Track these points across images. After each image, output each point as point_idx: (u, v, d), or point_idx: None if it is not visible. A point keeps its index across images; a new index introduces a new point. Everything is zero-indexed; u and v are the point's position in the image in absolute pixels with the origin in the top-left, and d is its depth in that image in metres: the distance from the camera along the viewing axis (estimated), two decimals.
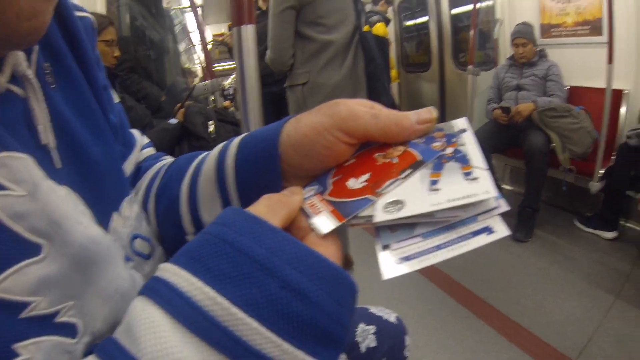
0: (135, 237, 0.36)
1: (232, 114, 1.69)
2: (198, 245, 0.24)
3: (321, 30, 1.68)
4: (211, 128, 1.45)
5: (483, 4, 2.98)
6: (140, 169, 0.46)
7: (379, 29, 3.02)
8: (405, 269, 0.25)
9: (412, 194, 0.27)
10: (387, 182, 0.29)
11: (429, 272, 2.04)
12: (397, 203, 0.27)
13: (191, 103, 1.58)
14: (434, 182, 0.27)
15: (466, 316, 1.77)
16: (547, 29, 2.71)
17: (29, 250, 0.23)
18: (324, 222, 0.27)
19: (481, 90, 2.77)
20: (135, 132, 0.49)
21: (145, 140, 0.51)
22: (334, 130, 0.30)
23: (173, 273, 0.23)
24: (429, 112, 0.32)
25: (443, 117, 3.91)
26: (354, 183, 0.30)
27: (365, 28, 1.79)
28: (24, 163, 0.24)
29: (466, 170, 0.27)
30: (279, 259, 0.22)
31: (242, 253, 0.22)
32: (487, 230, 0.24)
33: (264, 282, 0.21)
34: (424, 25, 3.91)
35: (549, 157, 2.24)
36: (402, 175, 0.29)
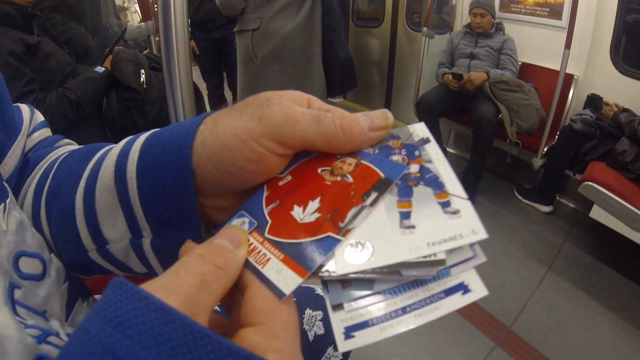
0: (19, 255, 0.27)
1: None
2: None
3: None
4: (143, 77, 1.30)
5: None
6: (28, 162, 0.35)
7: None
8: (364, 340, 0.18)
9: (379, 233, 0.20)
10: (351, 212, 0.21)
11: None
12: (361, 245, 0.20)
13: (121, 48, 1.40)
14: (405, 216, 0.21)
15: None
16: (507, 4, 2.72)
17: None
18: (281, 280, 0.19)
19: (432, 54, 2.76)
20: (24, 111, 0.38)
21: (39, 118, 0.40)
22: (263, 139, 0.23)
23: None
24: (384, 117, 0.25)
25: (392, 76, 3.88)
26: (301, 213, 0.22)
27: None
28: None
29: (442, 199, 0.21)
30: None
31: None
32: (463, 288, 0.19)
33: None
34: None
35: (496, 128, 2.30)
36: (368, 201, 0.22)
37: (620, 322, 1.61)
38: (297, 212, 0.23)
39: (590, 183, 1.79)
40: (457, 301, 0.19)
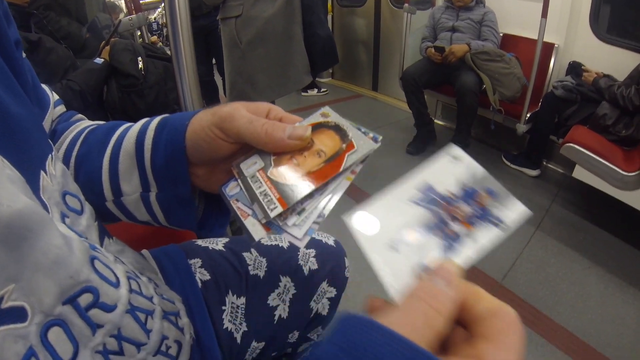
0: (65, 194, 0.35)
1: (162, 49, 1.59)
2: None
3: None
4: (140, 64, 1.36)
5: None
6: (55, 132, 0.46)
7: None
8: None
9: None
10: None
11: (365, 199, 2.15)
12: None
13: (117, 40, 1.45)
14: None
15: None
16: None
17: None
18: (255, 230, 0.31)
19: (415, 29, 2.80)
20: (46, 89, 0.48)
21: (56, 96, 0.50)
22: (212, 127, 0.34)
23: None
24: (304, 130, 0.33)
25: (377, 53, 3.93)
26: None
27: None
28: None
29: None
30: None
31: None
32: None
33: None
34: None
35: (479, 97, 2.35)
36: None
37: (607, 276, 1.67)
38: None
39: (571, 144, 1.85)
40: None
